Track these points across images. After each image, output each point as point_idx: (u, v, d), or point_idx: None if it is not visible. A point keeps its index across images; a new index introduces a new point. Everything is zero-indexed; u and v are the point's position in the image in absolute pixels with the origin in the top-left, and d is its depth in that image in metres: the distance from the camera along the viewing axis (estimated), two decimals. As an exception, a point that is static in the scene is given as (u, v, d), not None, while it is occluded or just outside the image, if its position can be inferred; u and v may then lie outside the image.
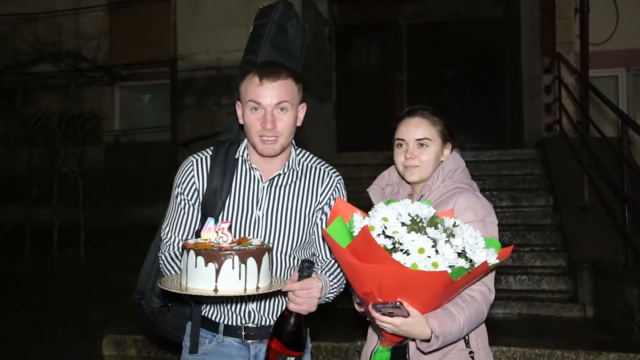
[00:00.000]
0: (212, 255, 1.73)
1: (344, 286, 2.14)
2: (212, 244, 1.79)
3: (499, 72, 10.64)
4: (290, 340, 1.86)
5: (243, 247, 1.78)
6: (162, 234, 2.19)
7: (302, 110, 2.15)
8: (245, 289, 1.75)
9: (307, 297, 1.85)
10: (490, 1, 10.68)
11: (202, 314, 2.19)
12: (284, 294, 1.92)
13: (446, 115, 2.19)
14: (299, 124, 2.14)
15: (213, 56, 8.46)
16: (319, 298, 1.90)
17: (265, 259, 1.80)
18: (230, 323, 2.14)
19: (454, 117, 2.34)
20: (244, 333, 2.13)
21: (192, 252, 1.76)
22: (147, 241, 2.29)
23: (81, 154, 8.23)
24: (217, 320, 2.16)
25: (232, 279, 1.73)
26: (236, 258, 1.73)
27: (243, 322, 2.13)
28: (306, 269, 1.86)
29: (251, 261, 1.75)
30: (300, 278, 1.85)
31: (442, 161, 2.16)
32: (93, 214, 7.82)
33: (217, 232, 1.82)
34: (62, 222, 7.71)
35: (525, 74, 9.37)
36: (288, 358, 1.86)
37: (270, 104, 2.02)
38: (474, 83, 10.66)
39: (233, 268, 1.73)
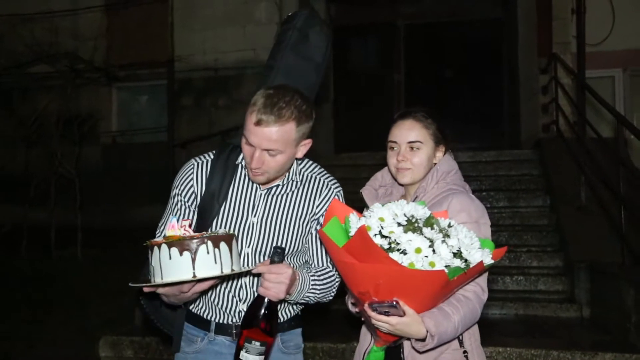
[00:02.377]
0: (186, 244, 1.78)
1: (333, 294, 2.15)
2: (179, 237, 1.84)
3: (496, 72, 10.63)
4: (259, 324, 1.88)
5: (213, 234, 1.84)
6: (157, 232, 2.21)
7: (304, 147, 2.11)
8: (222, 271, 1.80)
9: (275, 281, 1.87)
10: (487, 2, 10.69)
11: (194, 311, 2.22)
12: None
13: (443, 115, 2.21)
14: (299, 156, 2.11)
15: (210, 57, 8.45)
16: (289, 287, 1.90)
17: (234, 244, 1.87)
18: (221, 321, 2.17)
19: (451, 117, 2.35)
20: (234, 331, 2.15)
21: (164, 246, 1.80)
22: (144, 241, 2.30)
23: (79, 155, 8.23)
24: (208, 318, 2.18)
25: (208, 263, 1.79)
26: (209, 243, 1.79)
27: (234, 320, 2.15)
28: (277, 254, 1.90)
29: (223, 245, 1.82)
30: (271, 263, 1.89)
31: (435, 163, 2.17)
32: (90, 214, 7.82)
33: (179, 229, 1.86)
34: (60, 223, 7.70)
35: (522, 75, 9.37)
36: (253, 342, 1.88)
37: (261, 146, 1.98)
38: (471, 83, 10.65)
39: (208, 253, 1.78)
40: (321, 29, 2.55)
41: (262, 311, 1.89)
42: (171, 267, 1.78)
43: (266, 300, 1.89)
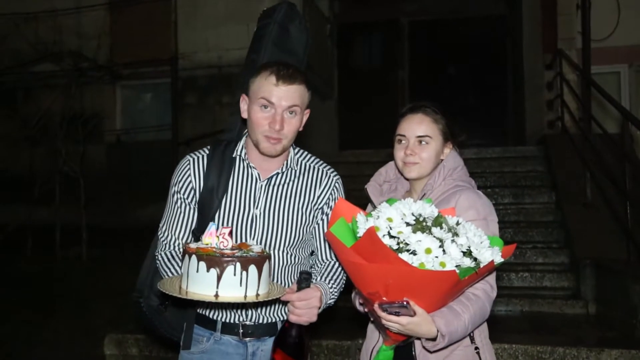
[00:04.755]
0: (215, 261, 1.74)
1: (343, 287, 2.15)
2: (213, 249, 1.80)
3: (501, 69, 10.61)
4: (293, 351, 1.87)
5: (245, 254, 1.78)
6: (159, 233, 2.20)
7: (305, 116, 2.17)
8: (245, 296, 1.76)
9: (306, 307, 1.87)
10: (491, -2, 10.67)
11: (200, 311, 2.20)
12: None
13: (448, 112, 2.19)
14: (300, 129, 2.16)
15: (214, 54, 8.45)
16: (319, 307, 1.92)
17: (266, 266, 1.81)
18: (228, 320, 2.15)
19: (456, 114, 2.34)
20: (241, 331, 2.14)
21: (194, 257, 1.76)
22: (148, 240, 2.29)
23: (83, 153, 8.23)
24: (214, 317, 2.17)
25: (233, 285, 1.74)
26: (238, 265, 1.74)
27: (241, 319, 2.14)
28: (304, 280, 1.87)
29: (252, 268, 1.76)
30: (299, 289, 1.87)
31: (442, 159, 2.16)
32: (95, 213, 7.82)
33: (217, 236, 1.83)
34: (64, 222, 7.71)
35: (527, 71, 9.35)
36: None
37: (283, 106, 2.04)
38: (475, 80, 10.63)
39: (234, 275, 1.74)
40: (300, 22, 2.55)
41: (296, 337, 1.87)
42: (197, 280, 1.76)
43: (296, 325, 1.88)
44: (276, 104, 2.03)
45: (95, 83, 9.05)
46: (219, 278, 1.73)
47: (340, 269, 2.13)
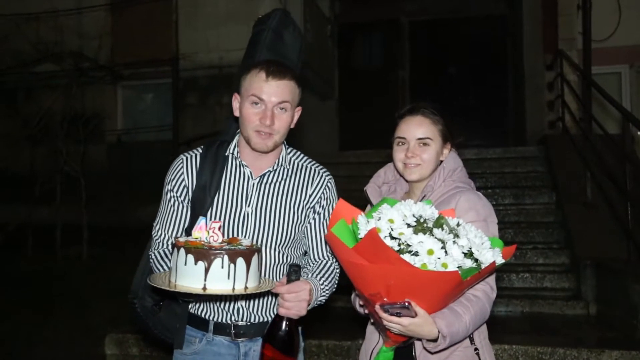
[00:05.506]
0: (202, 254, 1.75)
1: (335, 287, 2.15)
2: (202, 242, 1.81)
3: (501, 69, 10.62)
4: (283, 345, 1.87)
5: (233, 247, 1.79)
6: (153, 232, 2.21)
7: (297, 113, 2.18)
8: (233, 289, 1.77)
9: (295, 300, 1.87)
10: (492, -2, 10.67)
11: (192, 311, 2.20)
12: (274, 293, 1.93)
13: (448, 112, 2.19)
14: (292, 126, 2.17)
15: (215, 55, 8.45)
16: (309, 301, 1.91)
17: (254, 260, 1.81)
18: (220, 320, 2.15)
19: (456, 114, 2.34)
20: (233, 331, 2.14)
21: (182, 250, 1.77)
22: (148, 240, 2.29)
23: (84, 153, 8.24)
24: (206, 317, 2.17)
25: (220, 278, 1.75)
26: (225, 258, 1.75)
27: (233, 319, 2.14)
28: (294, 273, 1.88)
29: (240, 261, 1.76)
30: (288, 282, 1.87)
31: (441, 161, 2.16)
32: (95, 213, 7.82)
33: (207, 231, 1.84)
34: (65, 221, 7.71)
35: (528, 71, 9.36)
36: None
37: (273, 102, 2.05)
38: (476, 80, 10.64)
39: (222, 267, 1.74)
40: (294, 29, 2.58)
41: (286, 331, 1.87)
42: (185, 273, 1.76)
43: (285, 319, 1.88)
44: (266, 100, 2.05)
45: (96, 83, 9.06)
46: (206, 271, 1.73)
47: (332, 267, 2.13)
